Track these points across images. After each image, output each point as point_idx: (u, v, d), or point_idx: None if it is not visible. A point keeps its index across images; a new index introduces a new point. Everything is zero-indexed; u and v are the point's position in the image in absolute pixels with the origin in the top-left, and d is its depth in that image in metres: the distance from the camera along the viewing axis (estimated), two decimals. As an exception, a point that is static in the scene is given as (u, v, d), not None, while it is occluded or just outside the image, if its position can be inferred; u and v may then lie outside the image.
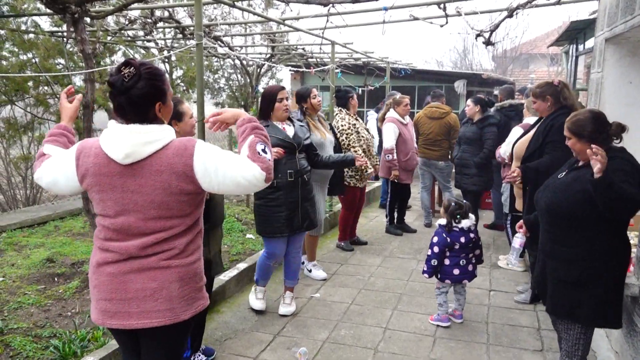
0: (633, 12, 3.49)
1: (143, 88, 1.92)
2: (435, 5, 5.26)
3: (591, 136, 2.68)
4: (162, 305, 1.97)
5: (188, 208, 2.00)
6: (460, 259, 3.93)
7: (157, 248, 1.97)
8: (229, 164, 1.93)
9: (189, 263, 2.03)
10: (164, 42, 9.88)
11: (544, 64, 26.68)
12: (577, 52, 7.87)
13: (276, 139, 3.83)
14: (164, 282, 1.97)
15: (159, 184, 1.92)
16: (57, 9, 4.26)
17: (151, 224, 1.96)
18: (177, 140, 1.97)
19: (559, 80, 4.13)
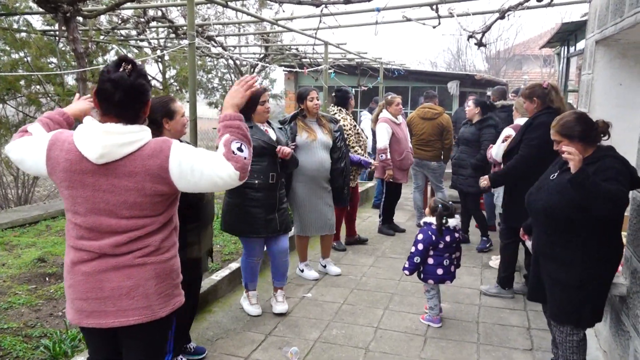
0: (622, 14, 3.52)
1: (142, 84, 1.96)
2: (427, 7, 5.29)
3: (581, 136, 2.71)
4: (139, 303, 1.97)
5: (161, 207, 2.00)
6: (443, 258, 3.94)
7: (131, 246, 1.96)
8: (204, 164, 1.92)
9: (165, 260, 2.03)
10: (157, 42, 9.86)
11: (537, 65, 26.83)
12: (569, 53, 7.92)
13: (260, 142, 3.83)
14: (139, 279, 1.97)
15: (132, 185, 1.91)
16: (49, 8, 4.26)
17: (123, 223, 1.95)
18: (153, 142, 1.96)
19: (548, 83, 4.18)
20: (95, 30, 7.02)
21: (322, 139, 4.73)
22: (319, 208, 4.80)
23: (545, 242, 2.86)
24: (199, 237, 3.07)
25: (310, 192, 4.73)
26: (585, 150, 2.72)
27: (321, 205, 4.80)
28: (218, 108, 15.44)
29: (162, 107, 2.88)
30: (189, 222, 2.99)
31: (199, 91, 14.92)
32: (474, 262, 5.59)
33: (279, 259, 4.20)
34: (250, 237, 4.01)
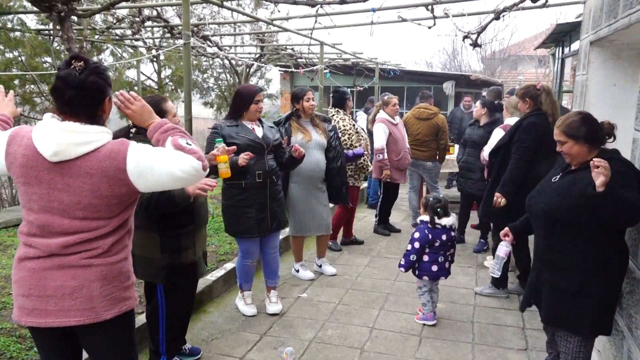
0: (617, 15, 3.54)
1: (95, 82, 1.91)
2: (423, 7, 5.30)
3: (587, 137, 2.63)
4: (81, 304, 1.92)
5: (117, 209, 1.97)
6: (439, 255, 3.99)
7: (79, 247, 1.93)
8: (164, 160, 1.89)
9: (113, 262, 1.98)
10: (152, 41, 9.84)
11: (532, 65, 26.93)
12: (564, 54, 7.95)
13: (246, 139, 3.82)
14: (84, 280, 1.92)
15: (87, 186, 1.88)
16: (44, 7, 4.24)
17: (76, 224, 1.91)
18: (111, 143, 1.92)
19: (542, 85, 4.20)
20: (90, 30, 7.00)
21: (317, 140, 4.72)
22: (314, 208, 4.79)
23: (544, 247, 2.78)
24: (193, 240, 3.04)
25: (306, 192, 4.73)
26: (590, 152, 2.65)
27: (316, 205, 4.79)
28: (214, 108, 15.43)
29: (153, 107, 2.84)
30: (184, 225, 2.97)
31: (195, 91, 14.90)
32: (469, 262, 5.60)
33: (269, 254, 4.22)
34: (244, 237, 4.01)
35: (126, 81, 11.83)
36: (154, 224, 2.90)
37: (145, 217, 2.86)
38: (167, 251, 2.95)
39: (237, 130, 3.86)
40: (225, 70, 13.97)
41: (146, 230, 2.92)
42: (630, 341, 2.70)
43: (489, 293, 4.63)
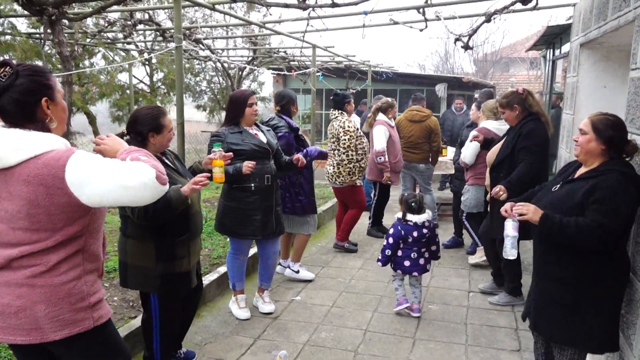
0: (606, 18, 3.57)
1: (22, 84, 1.81)
2: (414, 10, 5.31)
3: (610, 140, 2.53)
4: (26, 324, 1.84)
5: (59, 222, 1.83)
6: (412, 251, 4.12)
7: (22, 262, 1.83)
8: (111, 169, 1.76)
9: (59, 283, 1.86)
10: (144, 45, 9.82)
11: (523, 67, 27.08)
12: (555, 56, 8.00)
13: (252, 145, 3.83)
14: (27, 301, 1.83)
15: (25, 194, 1.77)
16: (34, 11, 4.22)
17: (18, 235, 1.82)
18: (55, 151, 1.80)
19: (524, 89, 4.19)
20: (81, 33, 6.97)
21: None
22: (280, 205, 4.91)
23: (539, 259, 2.75)
24: (188, 249, 3.01)
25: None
26: (600, 155, 2.57)
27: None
28: (206, 111, 15.41)
29: (152, 120, 2.82)
30: (179, 234, 2.94)
31: (187, 94, 14.88)
32: (462, 263, 5.62)
33: (271, 259, 4.23)
34: (248, 239, 4.04)
35: (118, 85, 11.81)
36: (148, 233, 2.88)
37: (140, 226, 2.84)
38: (163, 260, 2.91)
39: (242, 136, 3.86)
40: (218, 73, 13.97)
41: (141, 239, 2.90)
42: (622, 340, 2.71)
43: (507, 302, 4.49)
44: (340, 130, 5.51)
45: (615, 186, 2.42)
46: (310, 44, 7.47)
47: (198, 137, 14.38)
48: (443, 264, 5.52)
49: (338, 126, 5.54)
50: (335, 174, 5.65)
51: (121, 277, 3.04)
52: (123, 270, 3.01)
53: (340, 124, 5.55)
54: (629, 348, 2.59)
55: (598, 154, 2.58)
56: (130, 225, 2.92)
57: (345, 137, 5.48)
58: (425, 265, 4.20)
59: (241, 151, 3.77)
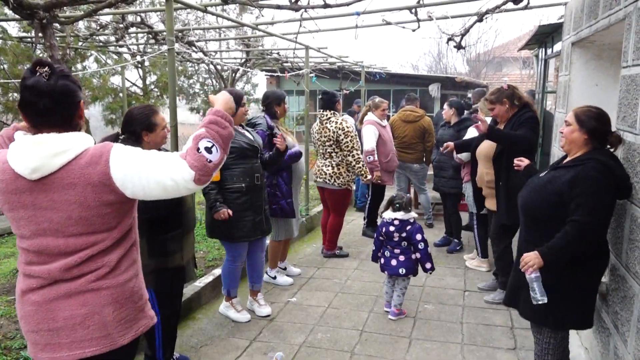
0: (597, 16, 3.59)
1: (65, 85, 1.76)
2: (407, 10, 5.31)
3: (593, 131, 2.65)
4: (95, 332, 1.79)
5: (113, 220, 1.80)
6: (386, 249, 4.19)
7: (83, 268, 1.78)
8: (154, 164, 1.73)
9: (123, 282, 1.85)
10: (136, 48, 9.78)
11: (516, 67, 27.19)
12: (546, 55, 8.03)
13: (242, 143, 3.86)
14: (94, 306, 1.79)
15: (73, 198, 1.72)
16: (25, 15, 4.19)
17: (72, 242, 1.76)
18: (93, 148, 1.76)
19: (508, 85, 4.30)
20: (73, 37, 6.95)
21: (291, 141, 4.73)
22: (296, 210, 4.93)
23: (523, 241, 2.87)
24: (181, 244, 3.03)
25: (295, 194, 4.84)
26: (584, 145, 2.70)
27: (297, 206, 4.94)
28: (200, 113, 15.37)
29: (144, 119, 2.82)
30: (171, 229, 2.96)
31: (181, 97, 14.84)
32: (457, 263, 5.63)
33: (258, 257, 4.24)
34: (240, 242, 3.97)
35: (111, 88, 11.77)
36: (140, 229, 2.85)
37: None
38: (155, 255, 2.94)
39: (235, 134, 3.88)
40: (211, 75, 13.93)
41: None
42: (617, 337, 2.72)
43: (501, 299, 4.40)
44: (339, 132, 5.39)
45: (595, 177, 2.52)
46: (303, 45, 7.46)
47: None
48: (438, 264, 5.51)
49: (336, 128, 5.40)
50: (335, 175, 5.49)
51: None
52: None
53: (337, 125, 5.41)
54: (624, 345, 2.60)
55: (581, 144, 2.70)
56: None
57: (346, 138, 5.41)
58: (398, 269, 4.10)
59: (234, 149, 3.77)
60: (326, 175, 5.54)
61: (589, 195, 2.50)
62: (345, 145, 5.43)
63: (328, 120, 5.48)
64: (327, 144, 5.49)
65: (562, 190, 2.60)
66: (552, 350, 2.78)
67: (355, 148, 5.49)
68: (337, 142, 5.45)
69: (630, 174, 2.67)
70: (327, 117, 5.51)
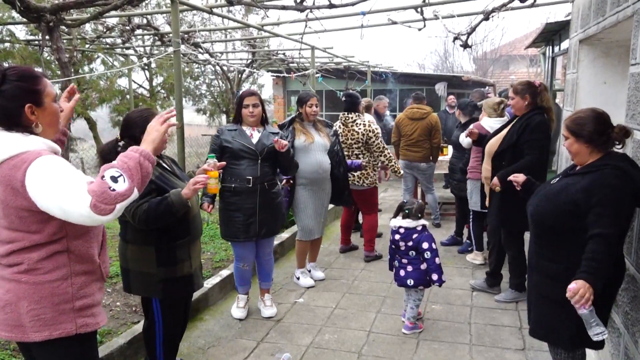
0: (604, 13, 3.56)
1: (7, 90, 1.83)
2: (412, 9, 5.31)
3: (590, 137, 2.48)
4: (10, 320, 1.89)
5: (32, 225, 1.85)
6: (395, 259, 4.03)
7: (10, 259, 1.88)
8: (59, 188, 1.73)
9: (42, 281, 1.88)
10: (143, 50, 9.82)
11: (523, 65, 27.04)
12: (554, 53, 7.98)
13: (239, 144, 3.90)
14: (13, 296, 1.88)
15: (0, 195, 1.82)
16: (32, 18, 4.23)
17: (4, 234, 1.88)
18: (26, 153, 1.79)
19: (540, 83, 4.19)
20: (80, 39, 6.98)
21: (320, 141, 4.70)
22: (319, 211, 4.83)
23: (534, 253, 2.73)
24: (189, 252, 2.98)
25: (311, 195, 4.73)
26: (591, 154, 2.53)
27: (320, 208, 4.83)
28: (206, 114, 15.41)
29: (143, 122, 2.79)
30: (178, 237, 2.92)
31: (187, 98, 14.89)
32: (465, 262, 5.60)
33: (261, 259, 4.26)
34: (232, 241, 4.09)
35: (118, 90, 11.83)
36: (148, 238, 2.86)
37: (140, 231, 2.82)
38: (164, 264, 2.89)
39: (234, 134, 3.95)
40: (218, 76, 13.97)
41: (141, 244, 2.89)
42: (627, 338, 2.70)
43: (513, 298, 4.48)
44: (369, 134, 5.36)
45: (613, 184, 2.35)
46: (309, 45, 7.46)
47: (199, 141, 14.39)
48: (446, 264, 5.49)
49: (365, 130, 5.36)
50: (364, 176, 5.46)
51: (124, 282, 3.03)
52: (125, 276, 3.00)
53: (367, 127, 5.37)
54: (634, 345, 2.57)
55: (587, 153, 2.54)
56: (129, 230, 2.91)
57: (377, 140, 5.41)
58: (405, 279, 3.93)
59: (228, 148, 3.90)
60: (354, 176, 5.44)
61: (609, 205, 2.32)
62: (376, 146, 5.43)
63: (354, 123, 5.41)
64: (355, 146, 5.43)
65: (578, 199, 2.42)
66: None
67: (385, 147, 5.52)
68: (366, 144, 5.42)
69: (639, 172, 2.63)
70: (352, 120, 5.43)
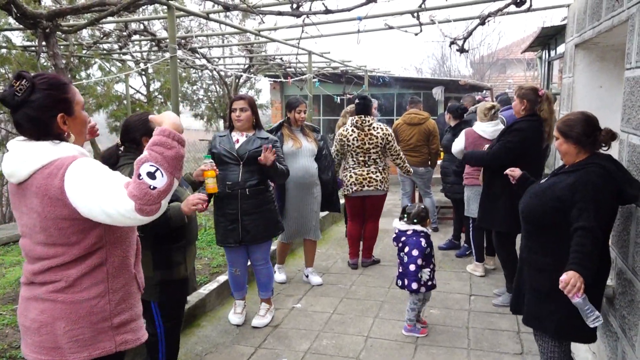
0: (600, 18, 3.57)
1: (38, 100, 1.75)
2: (409, 14, 5.31)
3: (578, 138, 2.63)
4: (47, 342, 1.80)
5: (73, 236, 1.76)
6: (400, 263, 4.01)
7: (45, 277, 1.80)
8: (100, 190, 1.65)
9: (80, 300, 1.80)
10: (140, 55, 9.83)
11: (520, 69, 27.08)
12: (550, 57, 8.01)
13: (221, 150, 3.95)
14: (49, 317, 1.80)
15: (35, 207, 1.74)
16: (28, 24, 4.22)
17: (39, 250, 1.80)
18: (60, 160, 1.73)
19: (544, 92, 4.16)
20: (77, 45, 6.98)
21: (307, 147, 4.80)
22: (303, 214, 4.88)
23: (524, 247, 2.85)
24: (184, 255, 3.00)
25: (297, 199, 4.80)
26: (578, 154, 2.67)
27: (305, 211, 4.87)
28: (204, 119, 15.41)
29: (142, 125, 2.80)
30: (175, 240, 2.94)
31: (185, 103, 14.88)
32: (462, 267, 5.59)
33: (255, 266, 4.24)
34: (222, 245, 4.15)
35: (115, 95, 11.82)
36: (145, 241, 2.84)
37: None
38: (160, 267, 2.90)
39: (221, 140, 4.01)
40: (215, 81, 13.97)
41: None
42: (625, 342, 2.69)
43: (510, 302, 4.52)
44: (388, 137, 5.32)
45: (595, 181, 2.49)
46: (305, 50, 7.47)
47: (196, 146, 14.38)
48: (444, 268, 5.49)
49: (384, 134, 5.30)
50: (384, 180, 5.41)
51: None
52: None
53: (385, 131, 5.31)
54: (632, 349, 2.57)
55: (575, 153, 2.68)
56: None
57: (394, 143, 5.40)
58: (397, 279, 4.01)
59: (215, 154, 3.97)
60: (377, 181, 5.34)
61: (591, 201, 2.45)
62: (394, 150, 5.42)
63: (371, 127, 5.29)
64: (373, 151, 5.30)
65: (563, 195, 2.56)
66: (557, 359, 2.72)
67: (400, 149, 5.55)
68: (383, 148, 5.36)
69: (635, 176, 2.64)
70: (369, 123, 5.30)
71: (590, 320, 2.31)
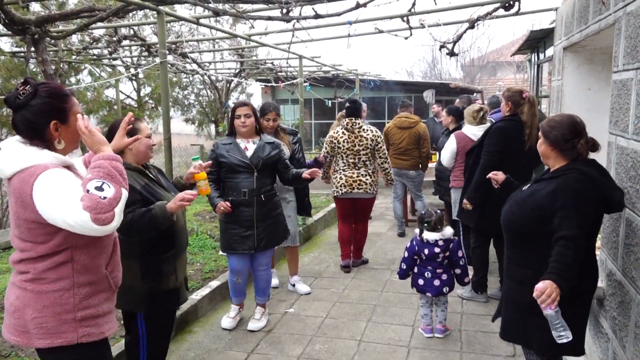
0: (587, 21, 3.60)
1: (36, 106, 1.91)
2: (399, 18, 5.34)
3: (555, 141, 2.50)
4: (19, 325, 1.98)
5: (40, 237, 1.91)
6: (426, 270, 3.94)
7: (20, 267, 1.98)
8: (61, 204, 1.78)
9: (46, 290, 1.95)
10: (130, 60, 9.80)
11: (510, 71, 27.31)
12: (539, 60, 8.07)
13: (234, 159, 3.89)
14: (21, 303, 1.97)
15: (12, 205, 1.93)
16: (17, 30, 4.20)
17: (16, 242, 1.98)
18: (35, 167, 1.86)
19: (528, 95, 4.18)
20: (66, 51, 6.95)
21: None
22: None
23: (506, 258, 2.75)
24: (174, 265, 2.90)
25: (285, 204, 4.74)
26: (556, 159, 2.54)
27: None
28: (195, 124, 15.37)
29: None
30: (164, 250, 2.85)
31: (176, 108, 14.85)
32: (455, 269, 5.60)
33: (257, 271, 4.22)
34: (229, 253, 4.07)
35: (105, 101, 11.77)
36: (133, 250, 2.77)
37: (124, 243, 2.76)
38: (148, 278, 2.81)
39: (229, 148, 3.95)
40: (206, 86, 13.96)
41: (125, 257, 2.80)
42: (615, 343, 2.71)
43: (469, 297, 4.70)
44: (378, 140, 5.33)
45: (575, 188, 2.37)
46: (296, 54, 7.48)
47: (188, 150, 14.35)
48: (436, 271, 5.50)
49: (374, 136, 5.31)
50: (374, 183, 5.42)
51: None
52: None
53: (375, 134, 5.32)
54: (622, 350, 2.59)
55: (554, 156, 2.55)
56: None
57: (383, 146, 5.41)
58: (442, 287, 3.95)
59: (224, 163, 3.92)
60: (367, 184, 5.35)
61: (572, 208, 2.32)
62: (383, 152, 5.42)
63: (361, 129, 5.31)
64: (363, 153, 5.31)
65: (543, 203, 2.43)
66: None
67: (387, 154, 5.54)
68: (373, 150, 5.36)
69: (623, 178, 2.66)
70: (359, 126, 5.31)
71: (557, 335, 2.15)
